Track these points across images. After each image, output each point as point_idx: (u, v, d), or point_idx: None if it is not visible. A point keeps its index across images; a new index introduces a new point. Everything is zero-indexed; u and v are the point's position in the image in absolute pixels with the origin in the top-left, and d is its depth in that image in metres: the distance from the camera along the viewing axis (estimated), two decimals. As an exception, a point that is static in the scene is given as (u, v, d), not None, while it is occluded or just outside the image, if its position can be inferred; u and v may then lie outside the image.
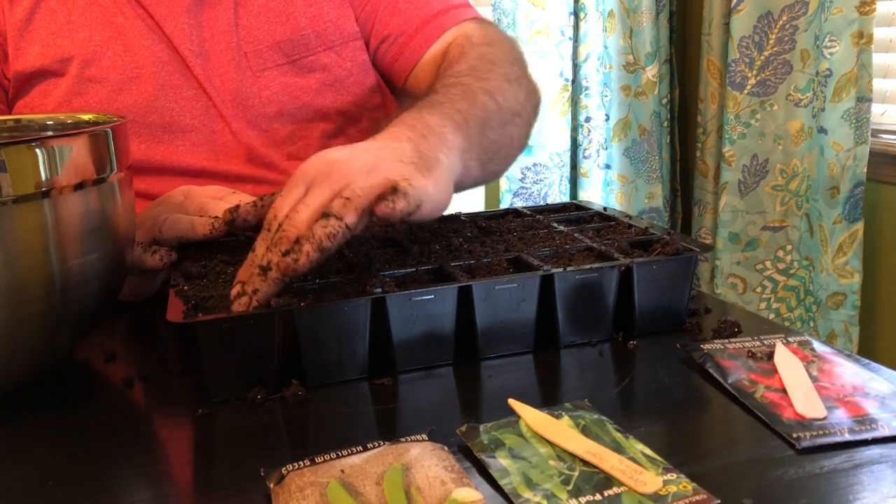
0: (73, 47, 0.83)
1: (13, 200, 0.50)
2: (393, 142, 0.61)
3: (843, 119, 1.78)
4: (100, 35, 0.84)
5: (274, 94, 0.88)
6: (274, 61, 0.87)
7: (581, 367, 0.59)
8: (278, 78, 0.88)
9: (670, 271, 0.63)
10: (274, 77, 0.88)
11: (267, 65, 0.87)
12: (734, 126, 1.91)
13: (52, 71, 0.83)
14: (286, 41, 0.87)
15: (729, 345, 0.59)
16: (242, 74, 0.87)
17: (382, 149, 0.60)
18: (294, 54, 0.88)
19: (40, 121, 0.69)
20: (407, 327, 0.57)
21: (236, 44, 0.86)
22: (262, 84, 0.87)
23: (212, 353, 0.54)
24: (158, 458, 0.49)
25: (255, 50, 0.87)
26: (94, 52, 0.83)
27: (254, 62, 0.87)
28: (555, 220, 0.76)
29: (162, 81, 0.85)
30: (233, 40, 0.86)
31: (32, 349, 0.55)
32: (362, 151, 0.59)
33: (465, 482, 0.42)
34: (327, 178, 0.56)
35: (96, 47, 0.84)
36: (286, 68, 0.88)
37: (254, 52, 0.87)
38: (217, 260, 0.65)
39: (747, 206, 1.94)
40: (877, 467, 0.44)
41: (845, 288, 1.83)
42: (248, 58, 0.87)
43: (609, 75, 2.06)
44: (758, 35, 1.85)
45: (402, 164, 0.58)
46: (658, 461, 0.44)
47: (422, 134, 0.63)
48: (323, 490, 0.41)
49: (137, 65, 0.84)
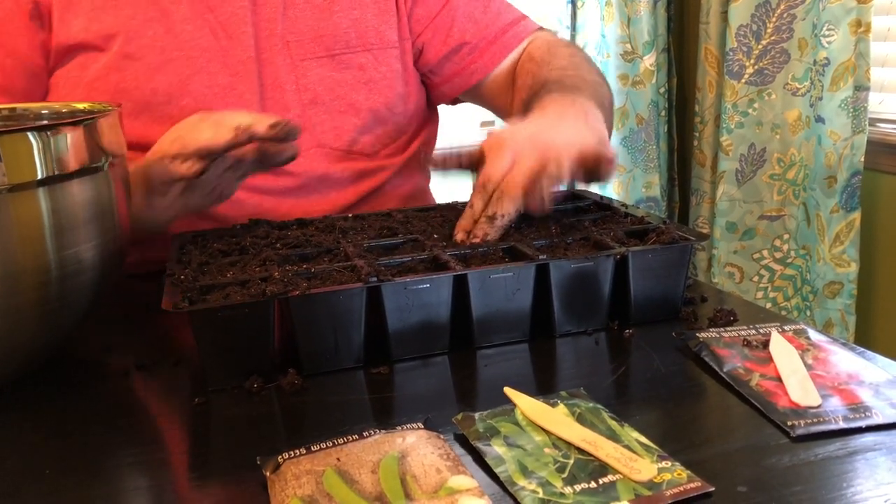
0: (117, 24, 0.84)
1: (8, 189, 0.50)
2: (566, 119, 0.73)
3: (840, 108, 1.77)
4: (143, 13, 0.85)
5: (310, 83, 0.91)
6: (314, 53, 0.91)
7: (577, 355, 0.59)
8: (316, 69, 0.91)
9: (666, 260, 0.63)
10: (312, 67, 0.91)
11: (307, 55, 0.91)
12: (732, 115, 1.91)
13: (93, 46, 0.84)
14: (328, 36, 0.91)
15: (724, 333, 0.59)
16: (282, 62, 0.89)
17: (561, 123, 0.72)
18: (334, 49, 0.92)
19: (35, 110, 0.68)
20: (403, 316, 0.57)
21: (280, 33, 0.89)
22: (300, 73, 0.90)
23: (208, 341, 0.54)
24: (155, 447, 0.49)
25: (298, 40, 0.90)
26: (137, 30, 0.84)
27: (295, 51, 0.90)
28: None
29: (199, 66, 0.86)
30: (277, 28, 0.89)
31: (29, 339, 0.55)
32: (549, 126, 0.71)
33: (460, 470, 0.42)
34: (533, 148, 0.66)
35: (139, 25, 0.85)
36: (325, 61, 0.92)
37: (296, 42, 0.90)
38: (214, 249, 0.65)
39: (744, 195, 1.94)
40: (871, 455, 0.44)
41: (842, 277, 1.84)
42: (289, 46, 0.90)
43: (607, 64, 2.05)
44: (756, 24, 1.85)
45: (586, 135, 0.70)
46: (653, 449, 0.44)
47: (584, 111, 0.74)
48: (319, 478, 0.42)
49: (177, 47, 0.85)
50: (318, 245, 0.65)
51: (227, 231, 0.71)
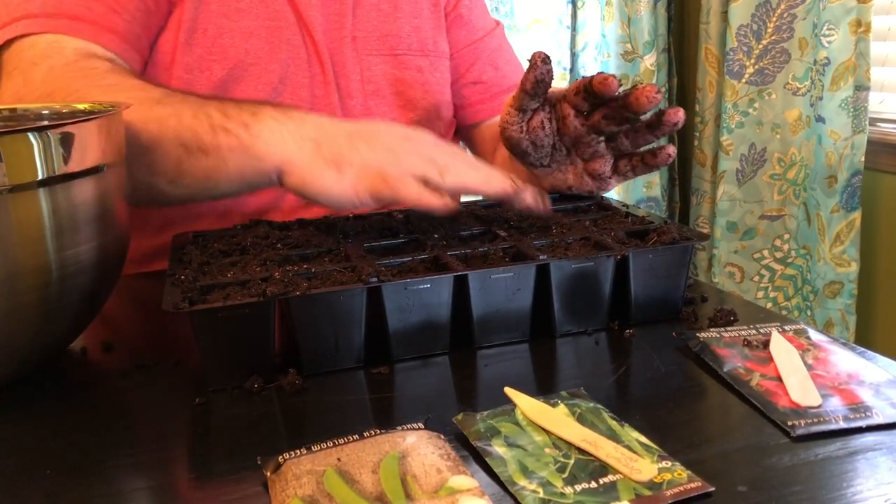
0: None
1: (9, 190, 0.50)
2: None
3: (840, 108, 1.77)
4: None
5: (374, 77, 0.96)
6: (379, 50, 0.97)
7: (577, 355, 0.59)
8: (380, 65, 0.97)
9: (666, 260, 0.63)
10: (376, 63, 0.97)
11: (372, 51, 0.96)
12: (732, 115, 1.91)
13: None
14: (392, 37, 0.97)
15: (725, 333, 0.59)
16: (349, 54, 0.95)
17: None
18: (397, 49, 0.98)
19: (36, 110, 0.68)
20: (403, 316, 0.57)
21: (349, 28, 0.94)
22: (365, 66, 0.96)
23: (208, 342, 0.54)
24: (155, 447, 0.49)
25: (364, 37, 0.96)
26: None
27: (361, 46, 0.96)
28: (552, 209, 0.76)
29: (285, 38, 0.89)
30: (346, 23, 0.94)
31: (29, 339, 0.55)
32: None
33: (461, 470, 0.42)
34: None
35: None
36: (388, 59, 0.97)
37: (362, 38, 0.96)
38: (214, 249, 0.65)
39: (745, 195, 1.94)
40: (871, 455, 0.44)
41: (842, 277, 1.84)
42: (356, 41, 0.95)
43: (607, 64, 2.05)
44: (756, 23, 1.85)
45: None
46: (653, 449, 0.44)
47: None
48: (319, 478, 0.42)
49: (268, 16, 0.89)
50: (319, 245, 0.65)
51: (227, 231, 0.71)
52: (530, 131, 0.75)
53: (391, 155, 0.67)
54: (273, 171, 0.68)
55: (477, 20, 1.07)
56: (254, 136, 0.67)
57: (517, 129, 0.75)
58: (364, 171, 0.65)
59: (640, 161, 0.75)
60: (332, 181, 0.65)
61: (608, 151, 0.75)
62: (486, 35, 1.07)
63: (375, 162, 0.66)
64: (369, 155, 0.66)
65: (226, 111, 0.69)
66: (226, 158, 0.68)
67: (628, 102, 0.68)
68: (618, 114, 0.70)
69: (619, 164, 0.76)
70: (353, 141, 0.67)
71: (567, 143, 0.76)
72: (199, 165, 0.68)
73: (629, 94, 0.68)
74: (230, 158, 0.68)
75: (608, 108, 0.70)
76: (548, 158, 0.78)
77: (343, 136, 0.68)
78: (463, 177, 0.67)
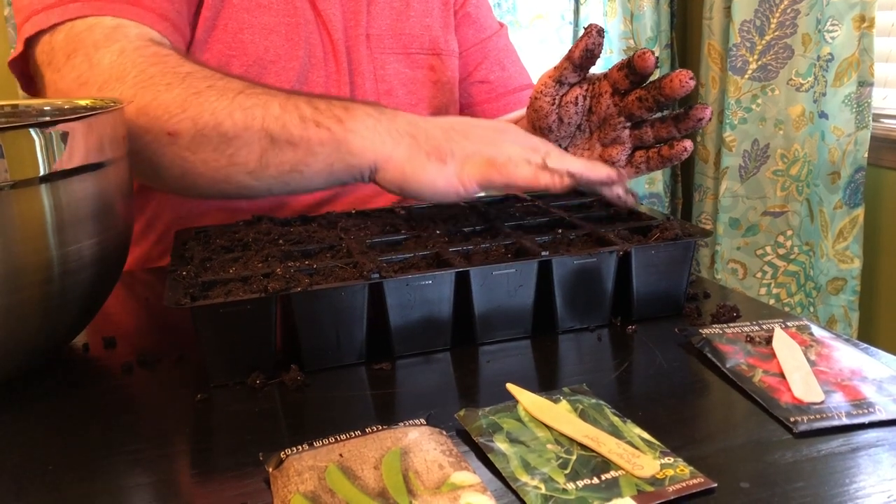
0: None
1: (11, 186, 0.50)
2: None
3: (844, 104, 1.77)
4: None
5: (387, 75, 0.97)
6: (392, 49, 0.97)
7: (579, 351, 0.59)
8: (393, 63, 0.97)
9: (669, 257, 0.63)
10: (389, 62, 0.97)
11: (385, 50, 0.97)
12: (735, 111, 1.90)
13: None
14: (405, 35, 0.98)
15: (727, 329, 0.59)
16: (364, 52, 0.95)
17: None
18: (409, 48, 0.99)
19: (38, 106, 0.68)
20: (405, 312, 0.57)
21: (364, 26, 0.95)
22: (378, 64, 0.96)
23: (210, 338, 0.54)
24: (157, 443, 0.49)
25: (378, 35, 0.96)
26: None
27: (374, 45, 0.96)
28: (554, 205, 0.76)
29: (305, 35, 0.89)
30: (362, 21, 0.94)
31: (32, 335, 0.55)
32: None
33: (463, 466, 0.42)
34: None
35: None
36: (401, 57, 0.98)
37: (376, 36, 0.96)
38: (216, 245, 0.65)
39: (748, 191, 1.94)
40: (874, 451, 0.44)
41: (845, 273, 1.84)
42: (370, 39, 0.95)
43: (609, 60, 2.05)
44: (759, 19, 1.84)
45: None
46: (655, 445, 0.44)
47: None
48: (321, 474, 0.42)
49: (287, 13, 0.89)
50: (321, 241, 0.65)
51: (229, 227, 0.71)
52: (562, 105, 0.74)
53: (491, 145, 0.67)
54: (367, 167, 0.67)
55: (484, 19, 1.08)
56: (347, 131, 0.67)
57: (549, 101, 0.73)
58: (469, 160, 0.66)
59: (657, 153, 0.74)
60: (435, 173, 0.65)
61: (629, 139, 0.74)
62: (493, 34, 1.08)
63: (478, 152, 0.66)
64: (469, 146, 0.67)
65: (315, 105, 0.68)
66: (315, 152, 0.67)
67: (662, 85, 0.67)
68: (652, 97, 0.70)
69: (634, 155, 0.75)
70: (448, 134, 0.68)
71: (593, 124, 0.75)
72: (284, 158, 0.67)
73: (663, 78, 0.67)
74: (320, 152, 0.67)
75: (644, 90, 0.70)
76: (568, 139, 0.77)
77: (438, 130, 0.68)
78: (566, 163, 0.67)
